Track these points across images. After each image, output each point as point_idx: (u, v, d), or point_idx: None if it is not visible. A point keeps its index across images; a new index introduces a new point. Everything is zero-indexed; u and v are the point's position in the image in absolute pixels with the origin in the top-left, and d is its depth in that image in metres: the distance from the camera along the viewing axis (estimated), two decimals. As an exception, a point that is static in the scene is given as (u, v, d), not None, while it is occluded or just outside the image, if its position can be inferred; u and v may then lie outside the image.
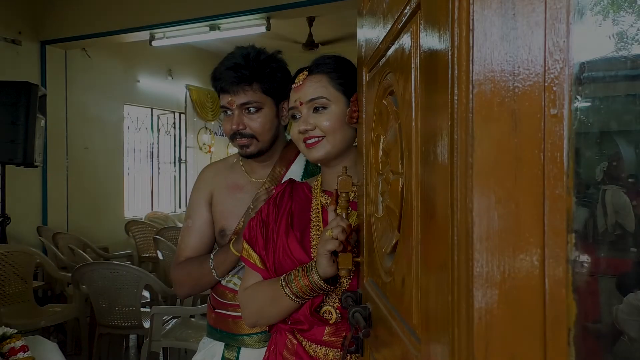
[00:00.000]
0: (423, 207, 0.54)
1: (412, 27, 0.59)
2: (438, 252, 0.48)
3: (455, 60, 0.35)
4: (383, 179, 0.80)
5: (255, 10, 4.36)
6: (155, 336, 2.66)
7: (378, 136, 0.84)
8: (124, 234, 5.96)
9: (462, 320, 0.33)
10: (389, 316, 0.73)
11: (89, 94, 6.00)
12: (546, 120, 0.30)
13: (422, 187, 0.56)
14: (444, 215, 0.46)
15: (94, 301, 3.03)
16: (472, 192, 0.33)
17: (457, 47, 0.35)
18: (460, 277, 0.34)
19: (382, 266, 0.80)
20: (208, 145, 7.94)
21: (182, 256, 1.40)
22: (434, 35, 0.50)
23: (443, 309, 0.46)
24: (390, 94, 0.77)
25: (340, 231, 0.98)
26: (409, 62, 0.60)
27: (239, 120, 1.33)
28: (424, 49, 0.54)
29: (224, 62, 1.35)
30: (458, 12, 0.34)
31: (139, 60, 6.76)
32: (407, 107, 0.61)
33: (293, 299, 1.04)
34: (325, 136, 1.11)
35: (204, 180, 1.45)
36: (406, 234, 0.63)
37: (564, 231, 0.30)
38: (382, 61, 0.81)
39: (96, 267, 2.99)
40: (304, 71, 1.16)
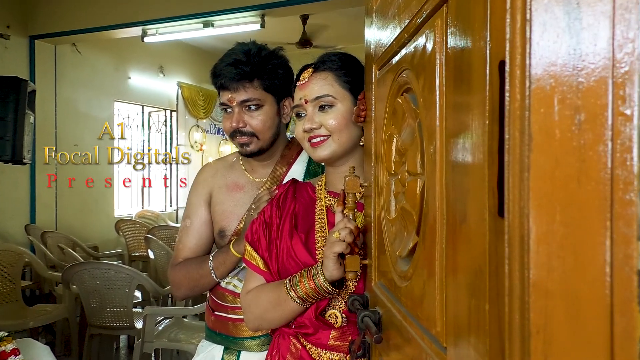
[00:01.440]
0: (450, 210, 0.52)
1: (437, 22, 0.57)
2: (470, 258, 0.46)
3: (507, 54, 0.32)
4: (397, 180, 0.78)
5: (249, 7, 4.32)
6: (147, 337, 2.62)
7: (390, 135, 0.82)
8: (114, 233, 5.89)
9: (515, 334, 0.31)
10: (404, 321, 0.71)
11: (78, 90, 5.91)
12: (614, 118, 0.28)
13: (448, 189, 0.53)
14: (478, 220, 0.44)
15: (85, 301, 2.98)
16: (529, 196, 0.30)
17: (509, 40, 0.32)
18: (512, 287, 0.31)
19: (395, 270, 0.77)
20: (200, 144, 7.88)
21: (179, 257, 1.37)
22: (467, 29, 0.47)
23: (478, 319, 0.43)
24: (405, 92, 0.74)
25: (348, 233, 0.96)
26: (432, 59, 0.58)
27: (239, 118, 1.30)
28: (453, 43, 0.51)
29: (224, 59, 1.31)
30: (511, 2, 0.31)
31: (130, 57, 6.68)
32: (430, 105, 0.59)
33: (298, 303, 1.01)
34: (330, 135, 1.08)
35: (203, 179, 1.42)
36: (427, 237, 0.60)
37: (633, 238, 0.27)
38: (396, 58, 0.79)
39: (87, 266, 2.94)
40: (309, 68, 1.13)
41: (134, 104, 7.01)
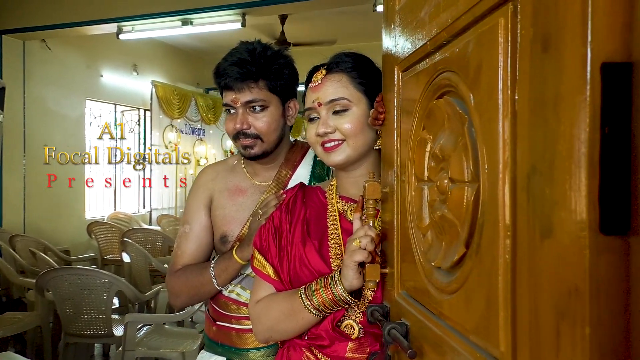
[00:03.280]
0: (523, 223, 0.48)
1: (500, 21, 0.53)
2: (559, 276, 0.43)
3: None
4: (432, 187, 0.74)
5: (230, 6, 4.24)
6: (129, 345, 2.52)
7: (422, 140, 0.78)
8: (85, 236, 5.69)
9: None
10: (446, 336, 0.67)
11: (48, 88, 5.69)
12: None
13: (519, 200, 0.50)
14: (573, 236, 0.41)
15: (60, 309, 2.85)
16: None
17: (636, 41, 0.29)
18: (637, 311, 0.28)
19: (432, 281, 0.74)
20: (174, 144, 7.71)
21: (178, 264, 1.30)
22: (550, 29, 0.44)
23: (573, 342, 0.40)
24: (445, 95, 0.71)
25: (369, 241, 0.92)
26: (493, 60, 0.54)
27: (243, 119, 1.24)
28: (526, 44, 0.48)
29: (227, 58, 1.26)
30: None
31: (102, 54, 6.48)
32: (488, 109, 0.56)
33: (314, 313, 0.97)
34: (345, 139, 1.04)
35: (203, 183, 1.36)
36: (484, 250, 0.57)
37: None
38: (431, 59, 0.75)
39: (64, 272, 2.81)
40: (320, 69, 1.09)
41: (107, 103, 6.81)
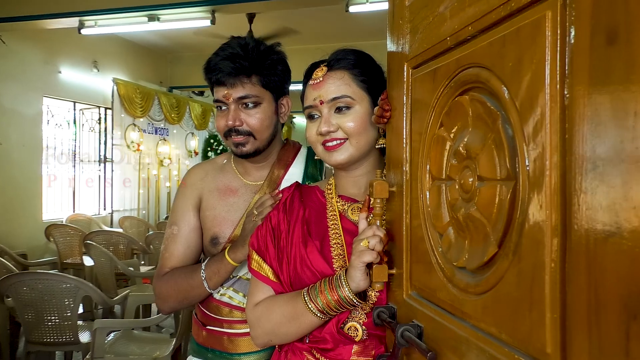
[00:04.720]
0: (588, 221, 0.47)
1: (547, 14, 0.52)
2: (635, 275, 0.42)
3: None
4: (452, 185, 0.72)
5: (200, 3, 4.14)
6: (98, 353, 2.41)
7: (441, 137, 0.76)
8: (42, 239, 5.44)
9: None
10: (473, 338, 0.66)
11: (3, 84, 5.41)
12: None
13: (570, 198, 0.48)
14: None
15: (21, 316, 2.70)
16: None
17: None
18: None
19: (453, 282, 0.72)
20: (137, 143, 7.48)
21: (166, 266, 1.24)
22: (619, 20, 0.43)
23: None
24: (469, 91, 0.69)
25: (378, 241, 0.90)
26: (539, 54, 0.53)
27: (236, 116, 1.20)
28: (584, 36, 0.47)
29: (218, 52, 1.21)
30: None
31: (61, 50, 6.22)
32: (532, 105, 0.54)
33: (318, 316, 0.94)
34: (348, 138, 1.01)
35: (191, 183, 1.30)
36: (525, 249, 0.55)
37: None
38: (451, 55, 0.74)
39: (26, 277, 2.66)
40: (321, 66, 1.06)
41: (65, 100, 6.53)
